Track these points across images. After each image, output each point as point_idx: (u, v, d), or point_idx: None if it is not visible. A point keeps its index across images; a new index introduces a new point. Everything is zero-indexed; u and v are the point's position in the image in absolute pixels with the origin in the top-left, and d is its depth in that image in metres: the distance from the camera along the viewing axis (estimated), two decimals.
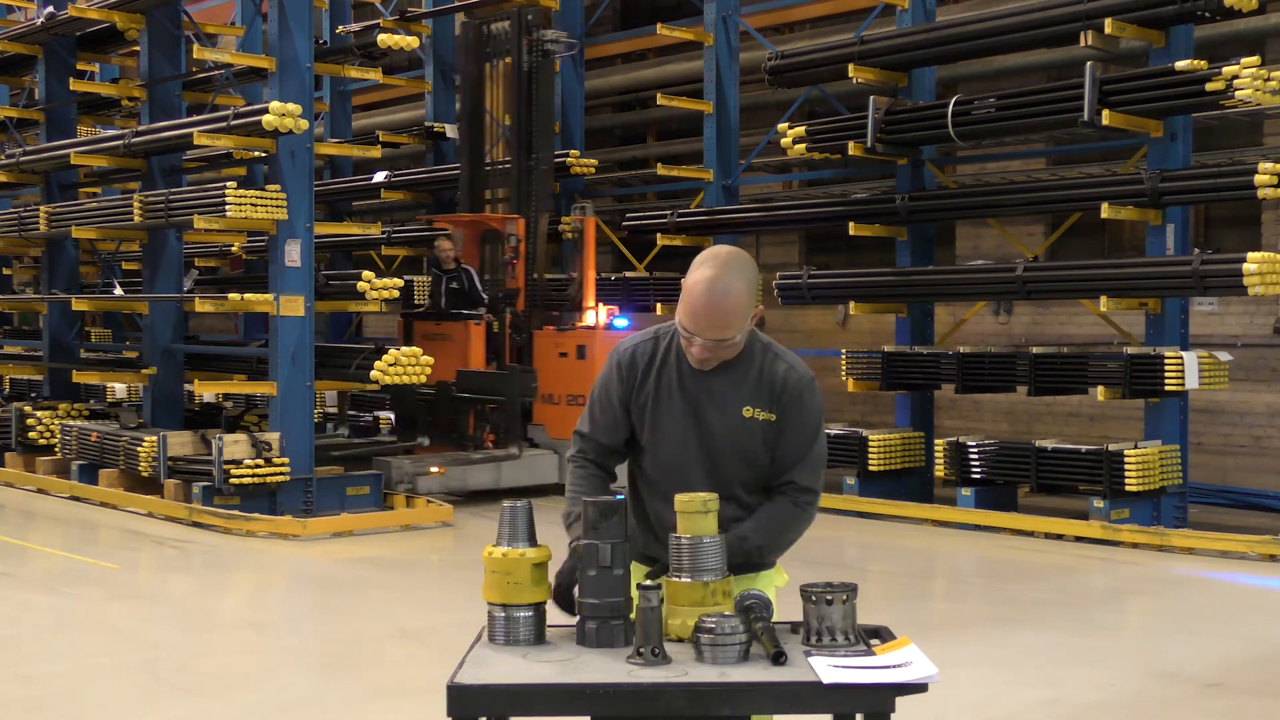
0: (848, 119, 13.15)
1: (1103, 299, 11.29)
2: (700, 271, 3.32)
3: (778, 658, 2.99)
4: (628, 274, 15.74)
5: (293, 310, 11.64)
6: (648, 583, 3.09)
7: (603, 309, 13.93)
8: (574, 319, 14.28)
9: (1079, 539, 10.85)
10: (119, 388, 17.31)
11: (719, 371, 3.44)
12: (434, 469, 12.74)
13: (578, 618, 3.25)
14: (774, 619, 3.29)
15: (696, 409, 3.45)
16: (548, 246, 14.63)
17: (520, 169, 14.14)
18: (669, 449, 3.48)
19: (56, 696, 6.51)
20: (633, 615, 3.15)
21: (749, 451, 3.45)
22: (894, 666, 2.98)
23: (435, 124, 17.40)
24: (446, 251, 14.36)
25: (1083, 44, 11.20)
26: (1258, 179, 10.51)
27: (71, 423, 13.85)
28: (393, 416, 14.79)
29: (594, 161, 16.00)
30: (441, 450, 13.46)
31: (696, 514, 3.22)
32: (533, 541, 3.27)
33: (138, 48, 13.85)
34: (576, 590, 3.27)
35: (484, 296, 14.09)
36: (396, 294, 12.78)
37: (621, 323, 13.69)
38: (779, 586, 3.58)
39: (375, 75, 14.16)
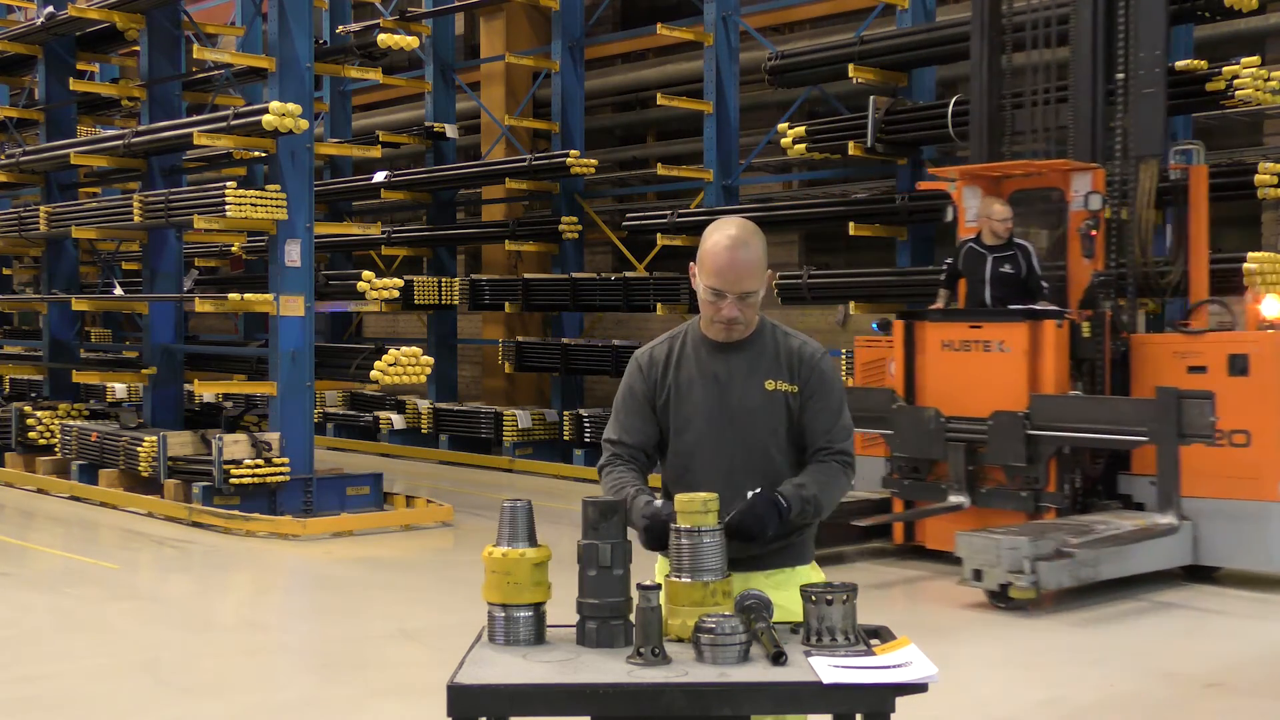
0: (848, 119, 13.16)
1: None
2: (718, 233, 3.50)
3: (778, 658, 2.99)
4: (627, 274, 15.74)
5: (293, 310, 11.64)
6: (647, 583, 3.09)
7: (1262, 298, 9.66)
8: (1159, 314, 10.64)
9: None
10: (119, 388, 17.31)
11: (736, 351, 3.58)
12: (1066, 548, 8.40)
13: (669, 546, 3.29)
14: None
15: (719, 389, 3.56)
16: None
17: (1093, 94, 9.84)
18: (697, 433, 3.57)
19: (56, 697, 6.51)
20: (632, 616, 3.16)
21: (774, 424, 3.56)
22: (894, 666, 2.98)
23: (435, 124, 17.42)
24: (1004, 221, 9.88)
25: None
26: (1258, 179, 10.52)
27: (71, 423, 13.86)
28: (902, 459, 10.13)
29: (594, 161, 15.99)
30: (994, 514, 9.44)
31: (696, 514, 3.23)
32: (533, 541, 3.27)
33: (138, 48, 13.85)
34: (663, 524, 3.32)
35: (1044, 285, 9.87)
36: (396, 294, 12.78)
37: None
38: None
39: (375, 75, 14.17)
